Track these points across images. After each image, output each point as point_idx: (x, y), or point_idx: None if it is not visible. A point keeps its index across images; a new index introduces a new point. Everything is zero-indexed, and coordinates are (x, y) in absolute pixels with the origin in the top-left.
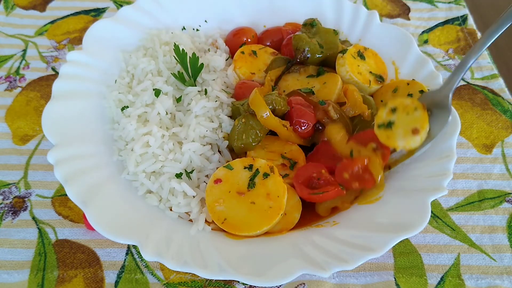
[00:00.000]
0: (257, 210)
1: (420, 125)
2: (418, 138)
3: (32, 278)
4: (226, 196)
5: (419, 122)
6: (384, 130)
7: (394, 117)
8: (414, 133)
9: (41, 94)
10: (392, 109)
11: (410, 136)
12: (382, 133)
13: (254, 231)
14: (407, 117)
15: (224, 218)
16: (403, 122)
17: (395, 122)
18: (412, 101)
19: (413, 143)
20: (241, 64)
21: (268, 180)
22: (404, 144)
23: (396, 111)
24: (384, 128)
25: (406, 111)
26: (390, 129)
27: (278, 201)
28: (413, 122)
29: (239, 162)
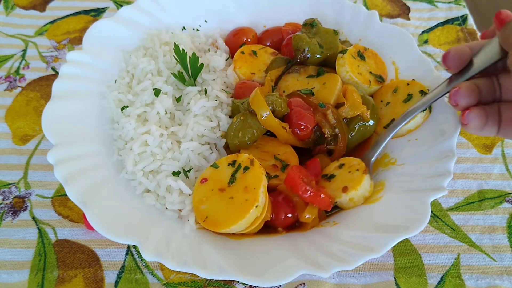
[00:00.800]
0: (234, 205)
1: (351, 185)
2: (346, 196)
3: (32, 278)
4: (209, 194)
5: (352, 182)
6: (324, 181)
7: (338, 172)
8: (343, 190)
9: (41, 94)
10: (340, 165)
11: (339, 192)
12: (323, 183)
13: (230, 226)
14: (347, 175)
15: (206, 216)
16: (341, 178)
17: (335, 176)
18: (359, 162)
19: (340, 199)
20: (241, 64)
21: (247, 173)
22: (335, 197)
23: (342, 167)
24: (325, 179)
25: (349, 170)
26: (328, 181)
27: (253, 192)
28: (347, 181)
29: (224, 159)
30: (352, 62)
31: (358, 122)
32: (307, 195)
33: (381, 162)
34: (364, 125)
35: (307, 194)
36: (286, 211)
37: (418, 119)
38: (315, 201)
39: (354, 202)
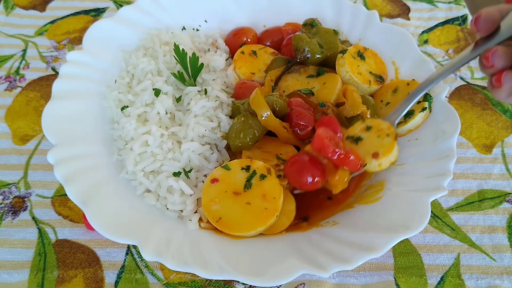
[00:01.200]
0: (252, 211)
1: (382, 152)
2: (376, 162)
3: (32, 278)
4: (222, 195)
5: (383, 148)
6: (350, 143)
7: (365, 135)
8: (374, 156)
9: (41, 94)
10: (367, 127)
11: (369, 158)
12: (347, 145)
13: (248, 231)
14: (376, 139)
15: (219, 217)
16: (370, 142)
17: (363, 140)
18: (388, 127)
19: (370, 164)
20: (241, 64)
21: (264, 181)
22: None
23: (369, 130)
24: (351, 140)
25: (378, 134)
26: (355, 144)
27: (273, 202)
28: (378, 147)
29: (236, 162)
30: (352, 62)
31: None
32: (336, 156)
33: None
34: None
35: (338, 156)
36: (314, 174)
37: (418, 119)
38: (346, 163)
39: (381, 168)
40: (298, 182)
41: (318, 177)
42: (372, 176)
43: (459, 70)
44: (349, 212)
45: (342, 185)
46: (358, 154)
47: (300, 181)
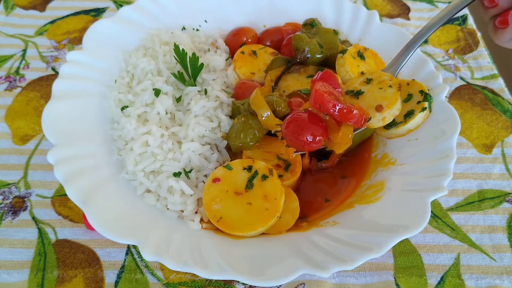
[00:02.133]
0: (253, 211)
1: (386, 104)
2: (379, 116)
3: (32, 278)
4: (223, 195)
5: (386, 100)
6: (350, 98)
7: (366, 88)
8: (377, 109)
9: (41, 94)
10: (367, 79)
11: (372, 111)
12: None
13: (249, 231)
14: (378, 91)
15: (220, 217)
16: (371, 95)
17: (364, 93)
18: (390, 77)
19: (373, 120)
20: (241, 64)
21: (266, 182)
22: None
23: (370, 83)
24: (351, 95)
25: (380, 86)
26: (355, 99)
27: (275, 203)
28: (381, 99)
29: (238, 162)
30: (352, 62)
31: None
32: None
33: (381, 162)
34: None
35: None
36: (315, 132)
37: (418, 119)
38: (349, 118)
39: (384, 121)
40: (297, 143)
41: (319, 136)
42: (372, 176)
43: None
44: (349, 212)
45: (346, 143)
46: (362, 108)
47: (300, 141)
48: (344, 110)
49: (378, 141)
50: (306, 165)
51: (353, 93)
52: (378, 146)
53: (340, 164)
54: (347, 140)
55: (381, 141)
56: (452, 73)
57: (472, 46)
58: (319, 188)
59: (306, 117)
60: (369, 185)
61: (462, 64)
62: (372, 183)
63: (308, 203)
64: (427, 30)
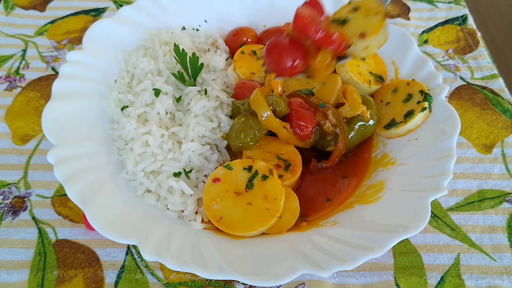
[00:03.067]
0: (253, 211)
1: (370, 30)
2: (363, 44)
3: (32, 278)
4: (224, 195)
5: (370, 27)
6: (335, 26)
7: (352, 16)
8: (361, 36)
9: (41, 94)
10: (354, 8)
11: (355, 38)
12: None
13: (248, 231)
14: (364, 19)
15: (220, 216)
16: (357, 23)
17: (349, 21)
18: (378, 6)
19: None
20: (241, 64)
21: (266, 182)
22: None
23: (357, 11)
24: (337, 23)
25: (366, 14)
26: (341, 26)
27: (275, 203)
28: (365, 26)
29: (238, 162)
30: (352, 62)
31: (358, 122)
32: (318, 36)
33: (381, 162)
34: (364, 125)
35: (318, 34)
36: (295, 56)
37: (418, 119)
38: (329, 43)
39: (368, 51)
40: (277, 67)
41: (299, 60)
42: (372, 176)
43: (459, 70)
44: (349, 212)
45: (324, 70)
46: (343, 34)
47: (280, 65)
48: (323, 34)
49: (378, 141)
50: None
51: (339, 21)
52: (378, 146)
53: (340, 164)
54: (326, 66)
55: (381, 141)
56: (452, 73)
57: (472, 46)
58: (319, 188)
59: (287, 42)
60: (369, 185)
61: (462, 64)
62: (372, 183)
63: (308, 203)
64: None
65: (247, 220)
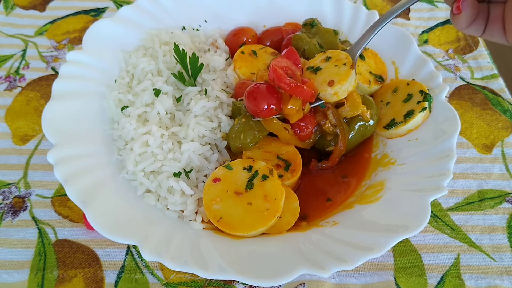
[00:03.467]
0: (253, 211)
1: (337, 79)
2: (331, 91)
3: (32, 278)
4: (224, 195)
5: (338, 76)
6: (310, 73)
7: (324, 65)
8: (329, 84)
9: (41, 94)
10: (327, 57)
11: (325, 86)
12: (307, 75)
13: (249, 231)
14: (334, 68)
15: (220, 216)
16: (327, 72)
17: (322, 69)
18: (346, 56)
19: (325, 92)
20: (241, 64)
21: (266, 182)
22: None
23: (329, 60)
24: (311, 71)
25: (336, 63)
26: (314, 74)
27: (275, 203)
28: (334, 75)
29: (238, 162)
30: None
31: (358, 122)
32: (289, 87)
33: (381, 162)
34: (364, 125)
35: (289, 86)
36: (270, 101)
37: (418, 119)
38: (298, 93)
39: (338, 96)
40: (255, 109)
41: (273, 105)
42: (372, 176)
43: (459, 70)
44: (349, 212)
45: (296, 114)
46: (312, 84)
47: (257, 108)
48: (293, 86)
49: (378, 141)
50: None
51: (313, 69)
52: (378, 146)
53: (340, 164)
54: (297, 112)
55: (381, 141)
56: (452, 73)
57: (472, 46)
58: (319, 188)
59: (264, 88)
60: (369, 185)
61: (462, 64)
62: (372, 183)
63: (309, 203)
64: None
65: (247, 220)
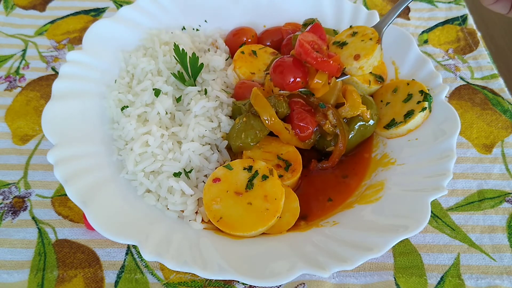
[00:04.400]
0: (253, 211)
1: (364, 53)
2: (357, 65)
3: (32, 278)
4: (224, 195)
5: (364, 51)
6: (336, 48)
7: (350, 40)
8: (355, 58)
9: (41, 94)
10: (353, 33)
11: (350, 60)
12: (333, 50)
13: (249, 231)
14: (360, 43)
15: (220, 216)
16: (353, 46)
17: (348, 44)
18: (372, 31)
19: (351, 66)
20: (241, 64)
21: (266, 182)
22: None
23: (355, 35)
24: (337, 45)
25: (362, 38)
26: (340, 48)
27: (275, 203)
28: (360, 49)
29: (239, 162)
30: None
31: (358, 122)
32: (316, 61)
33: (381, 162)
34: (364, 125)
35: (316, 60)
36: (296, 75)
37: (418, 119)
38: (324, 67)
39: (363, 71)
40: (281, 82)
41: (299, 78)
42: (372, 176)
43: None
44: (349, 212)
45: (322, 88)
46: (338, 59)
47: (283, 80)
48: (319, 60)
49: (378, 141)
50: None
51: (339, 43)
52: (378, 146)
53: (340, 164)
54: (323, 86)
55: (381, 141)
56: (452, 73)
57: (472, 46)
58: (319, 188)
59: (290, 62)
60: (369, 185)
61: (462, 64)
62: (372, 183)
63: (309, 203)
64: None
65: (247, 220)
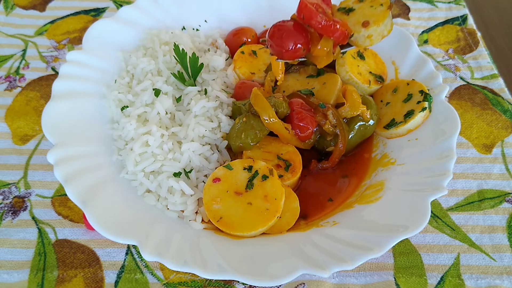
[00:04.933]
0: (253, 211)
1: (373, 20)
2: (365, 33)
3: (32, 278)
4: (224, 195)
5: (374, 17)
6: (341, 14)
7: (358, 5)
8: (364, 25)
9: (41, 94)
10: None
11: (358, 27)
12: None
13: (249, 231)
14: (369, 9)
15: (220, 216)
16: (362, 12)
17: (355, 10)
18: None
19: (358, 34)
20: (241, 64)
21: (266, 182)
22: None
23: (363, 1)
24: (342, 12)
25: (371, 4)
26: (346, 15)
27: (275, 203)
28: (369, 15)
29: (239, 162)
30: (352, 62)
31: (358, 122)
32: (321, 25)
33: (381, 162)
34: (364, 125)
35: (321, 24)
36: (297, 40)
37: (418, 119)
38: (330, 32)
39: (371, 40)
40: (279, 49)
41: (300, 44)
42: (372, 176)
43: (459, 70)
44: (349, 212)
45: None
46: (346, 24)
47: (282, 47)
48: (326, 23)
49: (378, 141)
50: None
51: (345, 10)
52: (378, 146)
53: (340, 164)
54: (326, 54)
55: (381, 141)
56: (452, 73)
57: (472, 46)
58: (319, 188)
59: (291, 26)
60: (369, 185)
61: (462, 64)
62: (372, 183)
63: (309, 203)
64: None
65: (247, 220)
